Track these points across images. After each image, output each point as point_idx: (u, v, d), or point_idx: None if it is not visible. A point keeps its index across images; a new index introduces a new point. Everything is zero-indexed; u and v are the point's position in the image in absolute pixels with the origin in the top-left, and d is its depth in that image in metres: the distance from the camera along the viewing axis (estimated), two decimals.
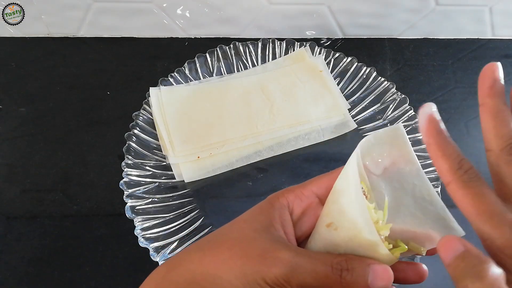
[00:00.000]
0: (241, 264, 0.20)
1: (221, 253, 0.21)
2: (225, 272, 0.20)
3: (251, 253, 0.20)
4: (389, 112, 0.44)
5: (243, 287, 0.20)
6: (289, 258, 0.20)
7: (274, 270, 0.19)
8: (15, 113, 0.45)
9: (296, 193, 0.23)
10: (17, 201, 0.39)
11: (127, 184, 0.37)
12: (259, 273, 0.19)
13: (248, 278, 0.20)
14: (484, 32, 0.54)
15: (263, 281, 0.19)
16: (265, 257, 0.20)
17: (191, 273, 0.21)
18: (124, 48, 0.51)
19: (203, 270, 0.21)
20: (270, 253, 0.20)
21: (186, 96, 0.44)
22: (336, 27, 0.53)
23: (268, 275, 0.19)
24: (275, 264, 0.20)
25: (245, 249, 0.21)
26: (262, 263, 0.20)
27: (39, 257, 0.36)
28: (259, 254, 0.20)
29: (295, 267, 0.19)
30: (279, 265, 0.19)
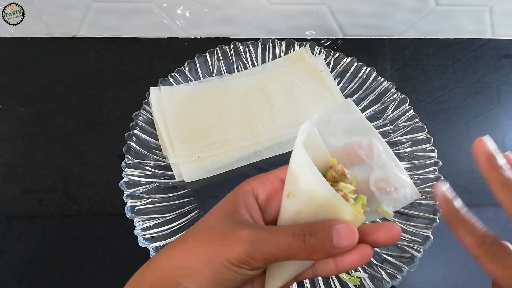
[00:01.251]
0: (204, 249, 0.20)
1: (186, 243, 0.22)
2: (191, 261, 0.20)
3: (213, 237, 0.21)
4: (389, 112, 0.44)
5: (210, 272, 0.20)
6: (250, 234, 0.20)
7: (236, 248, 0.20)
8: (15, 113, 0.45)
9: (260, 179, 0.24)
10: (17, 201, 0.39)
11: (127, 184, 0.37)
12: (222, 254, 0.20)
13: (212, 262, 0.20)
14: (484, 32, 0.54)
15: (227, 261, 0.20)
16: (226, 238, 0.20)
17: (161, 269, 0.21)
18: (124, 48, 0.51)
19: (172, 264, 0.21)
20: (230, 234, 0.20)
21: (186, 96, 0.44)
22: (336, 27, 0.53)
23: (231, 254, 0.20)
24: (236, 242, 0.20)
25: (208, 235, 0.21)
26: (224, 244, 0.20)
27: (39, 257, 0.36)
28: (221, 236, 0.21)
29: (257, 241, 0.20)
30: (240, 242, 0.20)
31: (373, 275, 0.33)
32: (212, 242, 0.21)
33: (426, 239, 0.34)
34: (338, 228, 0.19)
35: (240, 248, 0.20)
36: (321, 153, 0.23)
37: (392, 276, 0.33)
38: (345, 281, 0.33)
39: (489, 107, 0.48)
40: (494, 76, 0.51)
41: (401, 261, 0.34)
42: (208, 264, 0.20)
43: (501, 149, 0.49)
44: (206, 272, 0.20)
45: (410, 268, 0.33)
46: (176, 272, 0.21)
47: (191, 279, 0.20)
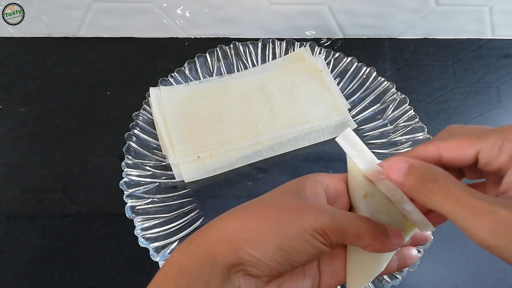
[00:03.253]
0: (276, 214, 0.19)
1: (255, 208, 0.20)
2: (260, 224, 0.19)
3: (287, 205, 0.20)
4: (389, 112, 0.44)
5: (280, 237, 0.19)
6: (328, 208, 0.20)
7: (313, 216, 0.19)
8: (15, 113, 0.45)
9: (329, 175, 0.23)
10: (17, 201, 0.39)
11: (127, 184, 0.37)
12: (297, 220, 0.19)
13: (285, 226, 0.19)
14: (484, 32, 0.54)
15: (302, 228, 0.19)
16: (302, 207, 0.20)
17: (221, 231, 0.20)
18: (124, 48, 0.51)
19: (236, 226, 0.19)
20: (306, 205, 0.20)
21: (186, 96, 0.44)
22: (336, 27, 0.53)
23: (307, 222, 0.19)
24: (313, 211, 0.19)
25: (280, 203, 0.20)
26: (300, 211, 0.19)
27: (39, 257, 0.36)
28: (295, 206, 0.20)
29: (335, 215, 0.19)
30: (318, 211, 0.19)
31: None
32: (286, 209, 0.20)
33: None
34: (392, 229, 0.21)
35: (318, 217, 0.19)
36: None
37: (392, 276, 0.33)
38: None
39: (489, 107, 0.48)
40: (494, 76, 0.51)
41: None
42: (280, 228, 0.19)
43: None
44: (275, 236, 0.19)
45: (410, 268, 0.33)
46: (240, 235, 0.19)
47: (257, 243, 0.19)
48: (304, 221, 0.19)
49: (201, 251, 0.19)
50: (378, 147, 0.42)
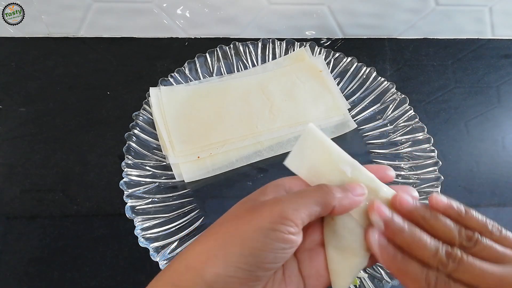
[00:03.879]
0: (229, 227, 0.19)
1: (213, 227, 0.21)
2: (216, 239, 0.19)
3: (238, 215, 0.20)
4: (389, 112, 0.44)
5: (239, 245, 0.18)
6: (278, 197, 0.20)
7: (265, 211, 0.19)
8: (15, 113, 0.45)
9: (292, 177, 0.23)
10: (17, 201, 0.39)
11: (127, 184, 0.37)
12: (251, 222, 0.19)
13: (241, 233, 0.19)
14: (484, 32, 0.54)
15: (258, 227, 0.18)
16: (254, 209, 0.20)
17: (183, 261, 0.20)
18: (124, 48, 0.51)
19: (195, 253, 0.19)
20: (257, 205, 0.20)
21: (186, 96, 0.44)
22: (336, 27, 0.53)
23: (261, 219, 0.19)
24: (265, 207, 0.19)
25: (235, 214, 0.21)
26: (252, 213, 0.19)
27: (39, 257, 0.36)
28: (247, 211, 0.20)
29: (287, 200, 0.20)
30: (269, 205, 0.19)
31: (373, 275, 0.33)
32: (240, 216, 0.19)
33: None
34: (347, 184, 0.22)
35: (273, 208, 0.19)
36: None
37: (392, 276, 0.33)
38: None
39: (489, 107, 0.48)
40: (494, 76, 0.51)
41: None
42: (235, 238, 0.18)
43: (500, 149, 0.49)
44: (234, 245, 0.18)
45: None
46: (200, 259, 0.19)
47: (217, 259, 0.18)
48: (259, 217, 0.19)
49: (168, 286, 0.19)
50: (378, 147, 0.42)
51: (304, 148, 0.23)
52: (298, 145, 0.23)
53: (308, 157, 0.23)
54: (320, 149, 0.23)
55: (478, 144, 0.45)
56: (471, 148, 0.44)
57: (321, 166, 0.23)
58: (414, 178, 0.39)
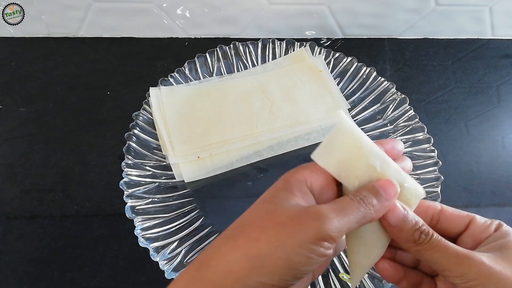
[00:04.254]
0: (275, 233, 0.19)
1: (251, 231, 0.20)
2: (261, 248, 0.19)
3: (282, 221, 0.19)
4: (389, 112, 0.44)
5: (285, 258, 0.19)
6: (320, 210, 0.20)
7: (310, 225, 0.19)
8: (15, 113, 0.45)
9: (310, 168, 0.22)
10: (17, 201, 0.39)
11: (127, 184, 0.37)
12: (297, 234, 0.19)
13: (288, 245, 0.19)
14: (484, 32, 0.54)
15: (304, 241, 0.19)
16: (297, 218, 0.19)
17: (224, 265, 0.19)
18: (124, 48, 0.51)
19: (238, 256, 0.19)
20: (301, 214, 0.20)
21: (186, 96, 0.44)
22: (336, 27, 0.53)
23: (306, 233, 0.19)
24: (309, 220, 0.19)
25: (276, 220, 0.20)
26: (296, 224, 0.19)
27: (39, 257, 0.36)
28: (290, 218, 0.19)
29: (328, 214, 0.19)
30: (314, 218, 0.19)
31: (373, 275, 0.33)
32: (284, 225, 0.19)
33: None
34: (380, 183, 0.21)
35: (317, 226, 0.19)
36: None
37: None
38: (345, 281, 0.33)
39: (489, 107, 0.48)
40: (494, 76, 0.51)
41: None
42: (281, 250, 0.18)
43: (500, 149, 0.49)
44: (280, 257, 0.18)
45: None
46: (243, 266, 0.19)
47: (263, 269, 0.18)
48: (304, 231, 0.19)
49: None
50: None
51: (334, 140, 0.22)
52: (328, 138, 0.22)
53: (337, 150, 0.22)
54: (351, 142, 0.22)
55: (478, 144, 0.45)
56: (471, 148, 0.44)
57: (351, 160, 0.22)
58: (414, 178, 0.39)
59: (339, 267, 0.34)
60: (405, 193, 0.22)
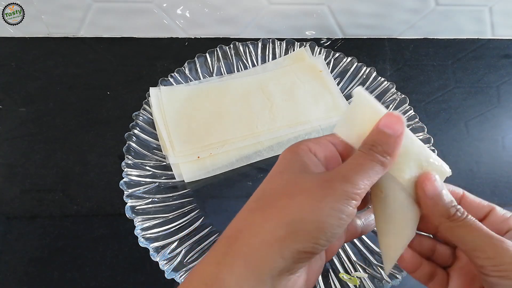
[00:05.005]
0: (304, 199, 0.19)
1: (279, 200, 0.19)
2: (295, 215, 0.18)
3: (308, 187, 0.19)
4: None
5: (318, 220, 0.18)
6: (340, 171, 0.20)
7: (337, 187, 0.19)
8: (15, 113, 0.45)
9: (312, 141, 0.22)
10: (17, 201, 0.39)
11: (127, 184, 0.37)
12: (327, 197, 0.19)
13: (320, 208, 0.18)
14: (484, 32, 0.54)
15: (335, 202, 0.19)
16: (323, 183, 0.19)
17: (258, 235, 0.18)
18: (124, 48, 0.51)
19: (270, 226, 0.18)
20: (323, 179, 0.20)
21: (186, 96, 0.44)
22: (336, 27, 0.53)
23: (336, 194, 0.19)
24: (334, 182, 0.19)
25: (300, 186, 0.20)
26: (324, 188, 0.19)
27: (39, 257, 0.36)
28: (317, 183, 0.19)
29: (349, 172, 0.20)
30: (338, 179, 0.19)
31: (373, 275, 0.33)
32: (309, 191, 0.19)
33: None
34: (383, 122, 0.21)
35: (343, 187, 0.19)
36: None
37: (392, 276, 0.33)
38: (345, 281, 0.33)
39: (489, 107, 0.48)
40: (494, 76, 0.51)
41: None
42: (313, 214, 0.18)
43: (500, 149, 0.49)
44: (314, 222, 0.18)
45: None
46: (277, 234, 0.18)
47: (298, 236, 0.18)
48: (333, 194, 0.19)
49: (241, 263, 0.18)
50: None
51: (355, 114, 0.22)
52: (348, 111, 0.22)
53: (359, 123, 0.22)
54: (372, 115, 0.21)
55: (478, 144, 0.45)
56: (471, 148, 0.44)
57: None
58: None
59: (339, 267, 0.34)
60: (430, 169, 0.22)
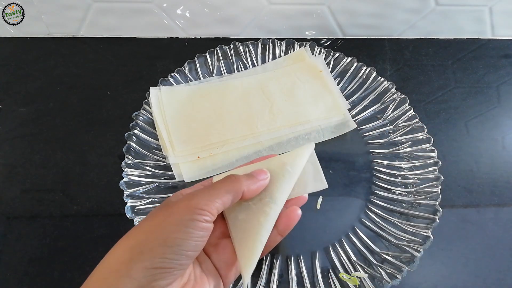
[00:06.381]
0: (149, 222, 0.22)
1: (132, 230, 0.22)
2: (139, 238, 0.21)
3: (158, 209, 0.23)
4: (389, 112, 0.44)
5: (161, 236, 0.20)
6: (190, 193, 0.23)
7: (182, 206, 0.21)
8: (15, 113, 0.45)
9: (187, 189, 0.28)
10: (17, 201, 0.39)
11: (127, 184, 0.37)
12: (171, 215, 0.21)
13: (161, 227, 0.21)
14: (484, 32, 0.54)
15: (178, 219, 0.21)
16: (170, 205, 0.22)
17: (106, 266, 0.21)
18: (124, 48, 0.51)
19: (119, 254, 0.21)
20: (172, 203, 0.23)
21: (186, 96, 0.44)
22: (336, 27, 0.53)
23: (179, 212, 0.21)
24: (180, 204, 0.22)
25: (150, 216, 0.23)
26: (170, 208, 0.22)
27: (39, 257, 0.36)
28: (163, 208, 0.23)
29: (199, 192, 0.23)
30: (185, 200, 0.22)
31: (373, 275, 0.33)
32: (155, 217, 0.21)
33: (426, 239, 0.34)
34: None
35: (187, 204, 0.21)
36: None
37: (392, 276, 0.33)
38: (345, 281, 0.33)
39: (489, 107, 0.48)
40: (494, 76, 0.51)
41: (401, 261, 0.34)
42: (158, 232, 0.20)
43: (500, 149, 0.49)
44: (157, 238, 0.20)
45: (410, 268, 0.33)
46: (123, 259, 0.20)
47: (143, 254, 0.20)
48: (178, 211, 0.21)
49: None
50: (378, 147, 0.42)
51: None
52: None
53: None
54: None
55: (478, 144, 0.45)
56: (471, 148, 0.44)
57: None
58: (414, 178, 0.39)
59: (339, 267, 0.34)
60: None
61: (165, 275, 0.20)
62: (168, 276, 0.20)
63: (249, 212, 0.26)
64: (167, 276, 0.20)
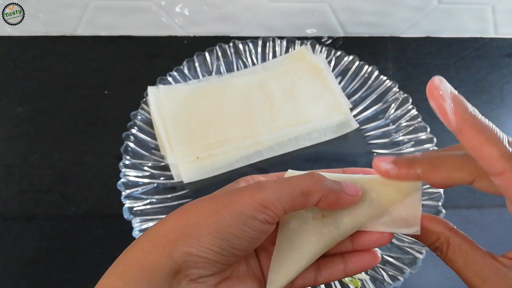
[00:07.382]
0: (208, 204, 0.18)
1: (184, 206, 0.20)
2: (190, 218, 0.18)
3: (218, 195, 0.19)
4: (391, 112, 0.43)
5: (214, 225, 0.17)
6: (260, 183, 0.19)
7: (247, 195, 0.18)
8: (12, 113, 0.45)
9: (261, 176, 0.23)
10: (14, 201, 0.39)
11: (125, 185, 0.36)
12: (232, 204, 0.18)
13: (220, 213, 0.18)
14: (487, 31, 0.54)
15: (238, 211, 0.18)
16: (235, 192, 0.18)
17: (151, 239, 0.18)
18: (122, 46, 0.51)
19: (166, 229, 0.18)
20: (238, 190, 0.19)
21: (185, 95, 0.43)
22: (338, 25, 0.52)
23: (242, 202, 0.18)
24: (247, 191, 0.18)
25: (211, 196, 0.20)
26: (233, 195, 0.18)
27: (37, 258, 0.36)
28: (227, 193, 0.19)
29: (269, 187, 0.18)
30: (251, 189, 0.18)
31: (374, 277, 0.33)
32: (215, 199, 0.18)
33: None
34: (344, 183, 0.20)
35: (252, 195, 0.17)
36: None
37: (394, 278, 0.32)
38: (347, 283, 0.33)
39: (492, 106, 0.48)
40: (497, 75, 0.50)
41: (403, 263, 0.33)
42: (211, 219, 0.17)
43: None
44: (209, 226, 0.17)
45: (412, 269, 0.32)
46: (169, 237, 0.17)
47: (189, 238, 0.17)
48: (239, 201, 0.18)
49: (131, 269, 0.17)
50: (380, 147, 0.42)
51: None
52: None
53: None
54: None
55: None
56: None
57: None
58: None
59: None
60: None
61: (206, 266, 0.18)
62: (208, 267, 0.18)
63: (303, 224, 0.21)
64: (207, 267, 0.18)
